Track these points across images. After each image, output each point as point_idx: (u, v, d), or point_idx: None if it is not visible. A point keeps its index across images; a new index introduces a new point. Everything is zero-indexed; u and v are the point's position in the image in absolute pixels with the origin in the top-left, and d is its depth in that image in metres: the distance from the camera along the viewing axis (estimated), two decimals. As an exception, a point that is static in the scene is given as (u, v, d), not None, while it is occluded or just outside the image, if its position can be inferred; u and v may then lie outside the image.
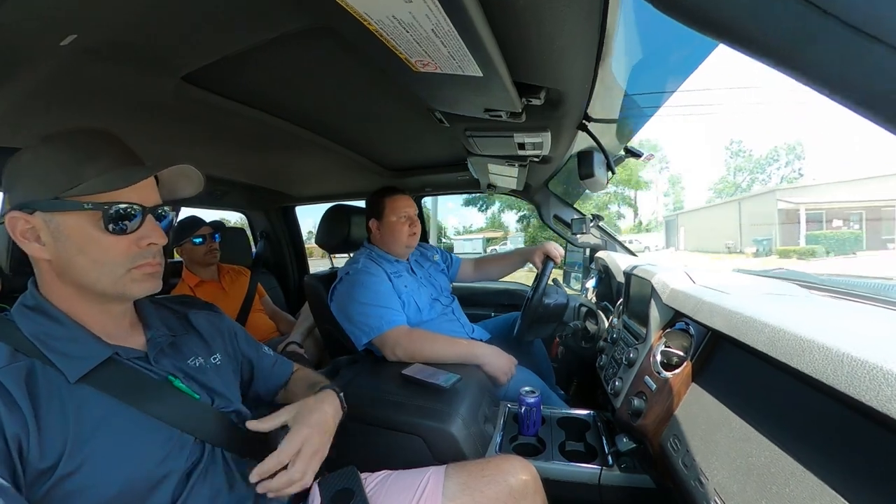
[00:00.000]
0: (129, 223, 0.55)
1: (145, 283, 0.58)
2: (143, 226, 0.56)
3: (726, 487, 0.53)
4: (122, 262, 0.55)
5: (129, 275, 0.56)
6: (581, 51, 0.65)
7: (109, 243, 0.54)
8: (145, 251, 0.57)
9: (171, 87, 0.84)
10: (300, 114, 1.13)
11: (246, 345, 0.82)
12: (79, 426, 0.50)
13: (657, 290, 0.93)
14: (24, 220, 0.53)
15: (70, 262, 0.54)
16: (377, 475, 0.78)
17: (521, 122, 0.89)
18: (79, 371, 0.53)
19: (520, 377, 1.30)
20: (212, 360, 0.71)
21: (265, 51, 0.74)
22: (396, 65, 0.63)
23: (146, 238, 0.57)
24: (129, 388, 0.56)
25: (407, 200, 1.47)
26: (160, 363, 0.62)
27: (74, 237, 0.53)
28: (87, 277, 0.55)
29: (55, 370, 0.52)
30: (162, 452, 0.56)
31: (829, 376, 0.42)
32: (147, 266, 0.58)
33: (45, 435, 0.47)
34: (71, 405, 0.51)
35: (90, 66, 0.72)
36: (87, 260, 0.54)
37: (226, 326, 0.79)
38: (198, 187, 0.66)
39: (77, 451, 0.49)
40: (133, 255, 0.56)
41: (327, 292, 1.39)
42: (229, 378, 0.73)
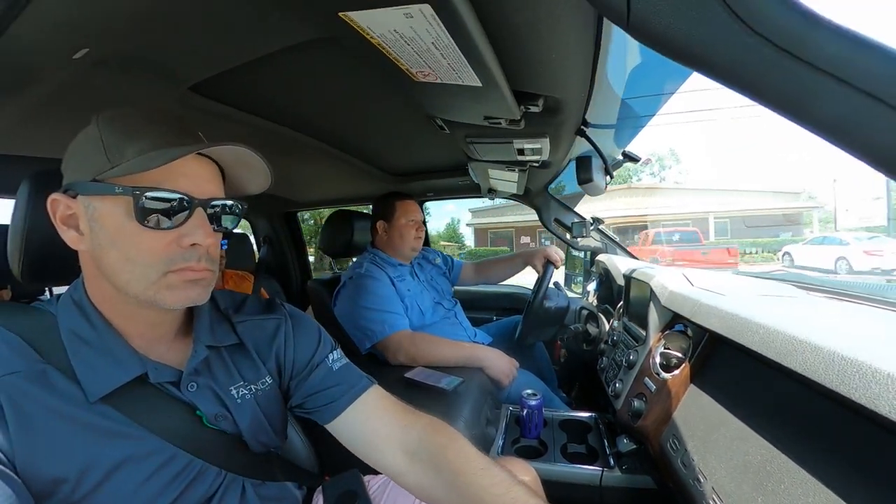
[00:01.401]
0: (169, 216, 0.46)
1: (184, 291, 0.48)
2: (188, 221, 0.47)
3: (724, 486, 0.54)
4: (156, 263, 0.46)
5: (164, 280, 0.47)
6: (578, 59, 0.67)
7: (144, 238, 0.46)
8: (187, 252, 0.47)
9: (178, 97, 0.86)
10: (303, 121, 1.15)
11: (303, 355, 0.65)
12: (88, 448, 0.45)
13: (656, 293, 0.94)
14: (66, 204, 0.47)
15: (103, 257, 0.47)
16: (380, 478, 0.78)
17: (520, 129, 0.91)
18: (101, 389, 0.46)
19: (522, 380, 1.31)
20: (260, 385, 0.60)
21: (270, 61, 0.75)
22: (397, 75, 0.65)
23: (189, 236, 0.47)
24: (153, 415, 0.49)
25: (416, 206, 1.53)
26: (196, 389, 0.54)
27: (109, 227, 0.46)
28: (119, 277, 0.47)
29: (74, 383, 0.46)
30: (182, 484, 0.50)
31: (820, 375, 0.43)
32: (188, 271, 0.48)
33: (42, 454, 0.42)
34: (81, 424, 0.45)
35: (100, 77, 0.73)
36: (118, 256, 0.46)
37: (279, 331, 0.64)
38: (265, 179, 0.56)
39: (87, 475, 0.44)
40: (171, 255, 0.47)
41: (331, 297, 1.41)
42: (275, 402, 0.62)
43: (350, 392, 0.64)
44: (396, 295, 1.37)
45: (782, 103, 0.23)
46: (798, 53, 0.21)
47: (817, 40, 0.21)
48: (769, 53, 0.22)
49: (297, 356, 0.65)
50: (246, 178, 0.56)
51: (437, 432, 0.60)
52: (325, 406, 0.63)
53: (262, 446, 0.60)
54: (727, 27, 0.22)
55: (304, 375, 0.64)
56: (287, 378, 0.64)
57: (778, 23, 0.21)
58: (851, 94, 0.21)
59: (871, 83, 0.20)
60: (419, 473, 0.58)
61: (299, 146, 1.31)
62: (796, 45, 0.21)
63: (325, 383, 0.64)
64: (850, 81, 0.20)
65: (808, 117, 0.23)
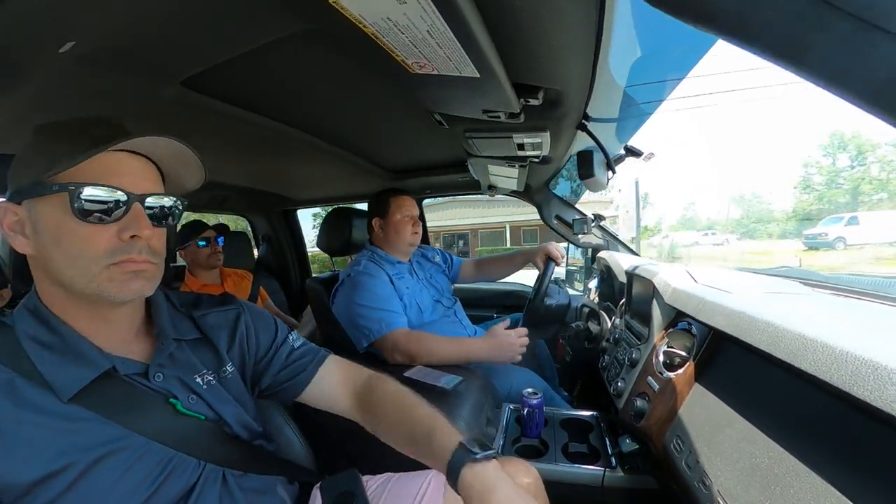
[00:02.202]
0: (107, 210, 0.47)
1: (127, 283, 0.50)
2: (126, 215, 0.49)
3: (730, 489, 0.52)
4: (97, 257, 0.48)
5: (106, 272, 0.48)
6: (578, 50, 0.65)
7: (84, 234, 0.47)
8: (128, 245, 0.49)
9: (171, 93, 0.84)
10: (300, 117, 1.13)
11: (265, 339, 0.70)
12: (63, 450, 0.45)
13: (659, 290, 0.92)
14: (13, 211, 0.49)
15: (49, 257, 0.48)
16: (378, 478, 0.78)
17: (520, 123, 0.89)
18: (71, 389, 0.47)
19: (522, 378, 1.30)
20: (223, 373, 0.63)
21: (263, 55, 0.74)
22: (393, 67, 0.63)
23: (128, 229, 0.49)
24: (126, 408, 0.50)
25: (411, 201, 1.51)
26: (163, 379, 0.55)
27: (50, 227, 0.47)
28: (64, 274, 0.48)
29: (43, 387, 0.46)
30: (160, 477, 0.51)
31: (832, 375, 0.41)
32: (129, 262, 0.49)
33: (17, 462, 0.43)
34: (54, 427, 0.46)
35: (89, 72, 0.72)
36: (61, 253, 0.48)
37: (242, 323, 0.69)
38: (199, 174, 0.58)
39: (63, 475, 0.44)
40: (112, 249, 0.48)
41: (329, 295, 1.39)
42: (241, 389, 0.66)
43: (315, 360, 0.72)
44: (395, 293, 1.36)
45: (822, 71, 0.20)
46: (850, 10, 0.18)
47: None
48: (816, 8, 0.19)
49: (260, 341, 0.70)
50: (183, 175, 0.58)
51: (380, 378, 0.72)
52: (296, 377, 0.70)
53: (247, 433, 0.63)
54: None
55: (270, 356, 0.70)
56: (252, 363, 0.69)
57: None
58: None
59: None
60: (365, 410, 0.70)
61: (296, 143, 1.30)
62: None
63: (291, 358, 0.71)
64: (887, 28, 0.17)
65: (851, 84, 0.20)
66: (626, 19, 0.67)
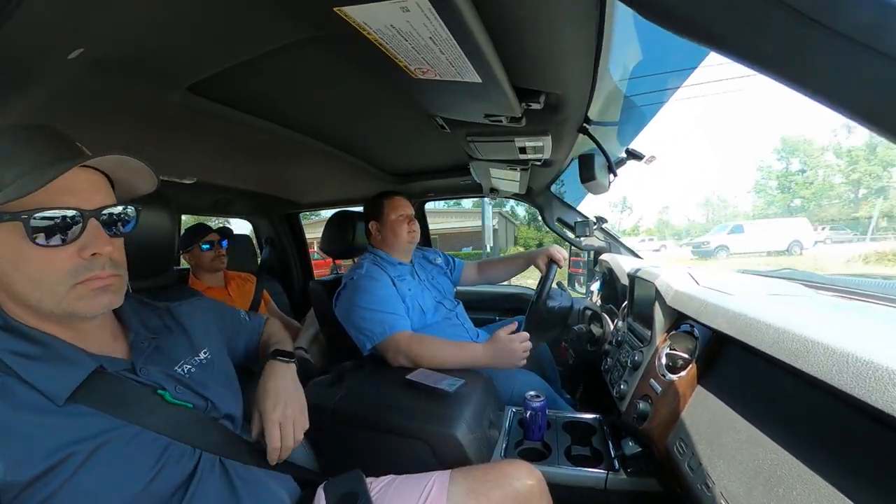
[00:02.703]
0: (64, 232, 0.47)
1: (95, 299, 0.51)
2: (83, 234, 0.49)
3: (732, 491, 0.52)
4: (61, 278, 0.48)
5: (73, 292, 0.49)
6: (579, 55, 0.66)
7: (44, 257, 0.47)
8: (90, 263, 0.49)
9: (177, 98, 0.85)
10: (303, 122, 1.14)
11: (231, 321, 0.85)
12: (61, 445, 0.46)
13: (661, 293, 0.92)
14: None
15: (10, 282, 0.48)
16: (382, 479, 0.78)
17: (522, 127, 0.90)
18: (65, 390, 0.48)
19: (525, 381, 1.30)
20: (199, 359, 0.68)
21: (268, 61, 0.75)
22: (396, 72, 0.64)
23: (88, 248, 0.49)
24: (119, 401, 0.53)
25: (404, 201, 1.51)
26: (148, 372, 0.58)
27: (7, 253, 0.47)
28: (30, 298, 0.49)
29: (35, 390, 0.47)
30: (158, 464, 0.53)
31: (833, 377, 0.41)
32: (94, 280, 0.50)
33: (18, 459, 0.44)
34: (50, 425, 0.47)
35: (97, 78, 0.73)
36: (23, 278, 0.48)
37: (210, 310, 0.79)
38: (151, 181, 0.59)
39: (61, 469, 0.45)
40: (75, 268, 0.48)
41: (332, 298, 1.40)
42: (222, 371, 0.72)
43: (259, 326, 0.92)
44: (397, 295, 1.36)
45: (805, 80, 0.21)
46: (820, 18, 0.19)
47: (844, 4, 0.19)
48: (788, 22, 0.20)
49: (227, 323, 0.83)
50: (133, 182, 0.58)
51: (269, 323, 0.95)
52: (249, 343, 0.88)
53: (238, 415, 0.70)
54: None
55: (237, 333, 0.84)
56: (227, 339, 0.80)
57: None
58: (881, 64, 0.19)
59: None
60: None
61: (300, 147, 1.31)
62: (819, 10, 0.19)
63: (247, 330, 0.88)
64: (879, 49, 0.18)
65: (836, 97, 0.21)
66: (626, 24, 0.68)
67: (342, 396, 1.07)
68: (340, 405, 1.05)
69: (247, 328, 0.88)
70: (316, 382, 1.16)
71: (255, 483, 0.64)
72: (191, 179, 1.58)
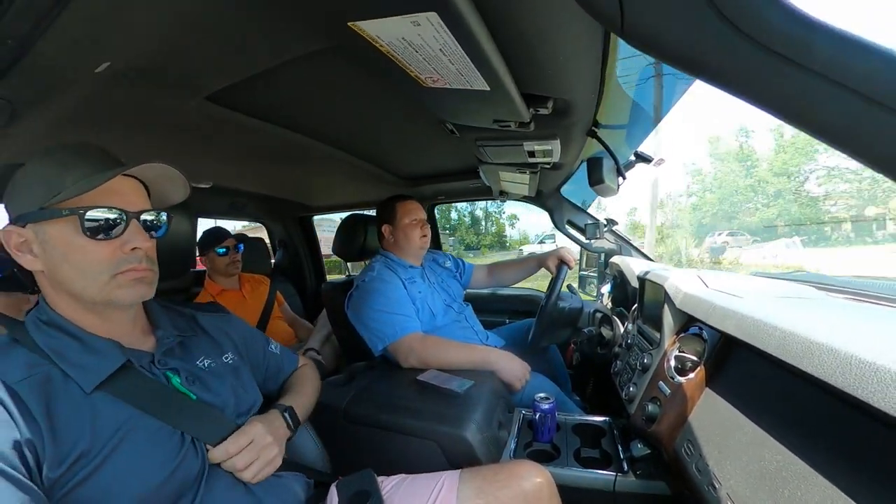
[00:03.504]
0: (110, 228, 0.55)
1: (132, 288, 0.58)
2: (126, 231, 0.57)
3: (739, 492, 0.52)
4: (105, 268, 0.55)
5: (114, 281, 0.56)
6: (586, 60, 0.67)
7: (91, 249, 0.55)
8: (130, 256, 0.57)
9: (195, 107, 0.89)
10: (317, 128, 1.17)
11: (254, 345, 0.84)
12: (94, 433, 0.51)
13: (670, 295, 0.92)
14: (17, 233, 0.54)
15: (58, 272, 0.55)
16: (393, 478, 0.79)
17: (531, 131, 0.91)
18: (93, 381, 0.54)
19: (535, 383, 1.30)
20: (224, 360, 0.73)
21: (284, 70, 0.77)
22: (407, 81, 0.66)
23: (129, 243, 0.57)
24: (143, 394, 0.57)
25: (417, 205, 1.53)
26: (166, 363, 0.63)
27: (59, 245, 0.54)
28: (75, 286, 0.55)
29: (72, 380, 0.53)
30: (178, 457, 0.57)
31: (837, 379, 0.42)
32: (132, 272, 0.57)
33: (61, 444, 0.48)
34: (87, 413, 0.52)
35: (120, 89, 0.76)
36: (71, 268, 0.55)
37: (234, 329, 0.81)
38: (185, 190, 0.66)
39: (93, 457, 0.50)
40: (117, 260, 0.56)
41: (344, 300, 1.42)
42: (244, 376, 0.75)
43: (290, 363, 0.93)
44: (408, 297, 1.38)
45: (780, 107, 0.23)
46: (791, 56, 0.21)
47: (809, 43, 0.20)
48: (761, 57, 0.22)
49: (250, 347, 0.83)
50: (169, 190, 0.65)
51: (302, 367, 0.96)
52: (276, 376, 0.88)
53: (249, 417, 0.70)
54: (718, 31, 0.22)
55: (259, 360, 0.85)
56: (250, 361, 0.81)
57: (769, 26, 0.21)
58: (848, 98, 0.20)
59: (868, 86, 0.20)
60: None
61: (312, 152, 1.34)
62: (788, 47, 0.21)
63: (273, 362, 0.88)
64: (846, 84, 0.20)
65: (806, 121, 0.22)
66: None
67: (354, 396, 1.09)
68: (352, 405, 1.07)
69: (273, 360, 0.87)
70: (328, 382, 1.19)
71: (270, 483, 0.66)
72: (207, 183, 1.63)
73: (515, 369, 1.24)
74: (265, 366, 0.85)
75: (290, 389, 0.86)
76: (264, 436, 0.65)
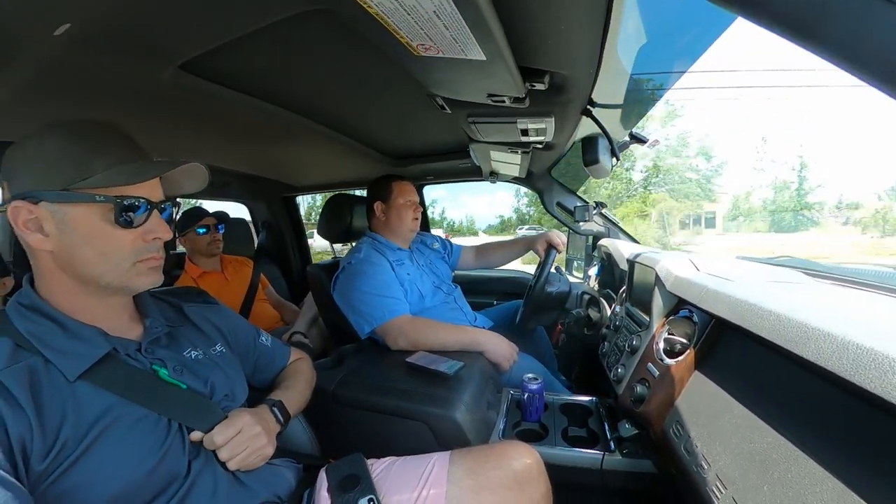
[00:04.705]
0: (136, 217, 0.56)
1: (149, 276, 0.59)
2: (149, 220, 0.57)
3: (728, 473, 0.53)
4: (128, 255, 0.56)
5: (134, 268, 0.57)
6: (586, 33, 0.64)
7: (118, 236, 0.55)
8: (150, 245, 0.58)
9: (168, 77, 0.83)
10: (299, 101, 1.11)
11: (244, 336, 0.83)
12: (78, 422, 0.50)
13: (661, 278, 0.92)
14: (28, 209, 0.52)
15: (75, 254, 0.54)
16: (383, 461, 0.79)
17: (525, 108, 0.88)
18: (77, 369, 0.53)
19: (523, 364, 1.31)
20: (213, 352, 0.72)
21: (262, 37, 0.72)
22: (397, 49, 0.61)
23: (152, 233, 0.58)
24: (127, 383, 0.56)
25: (412, 187, 1.51)
26: (153, 353, 0.62)
27: (82, 229, 0.53)
28: (94, 270, 0.55)
29: (54, 367, 0.52)
30: (164, 446, 0.56)
31: (833, 364, 0.42)
32: (151, 260, 0.59)
33: (48, 433, 0.47)
34: (70, 402, 0.51)
35: (85, 55, 0.70)
36: (93, 252, 0.54)
37: (223, 319, 0.80)
38: (202, 184, 0.66)
39: (76, 447, 0.49)
40: (139, 248, 0.57)
41: (330, 281, 1.39)
42: (234, 368, 0.74)
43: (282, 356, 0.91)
44: (396, 280, 1.36)
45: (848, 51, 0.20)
46: None
47: None
48: None
49: (239, 338, 0.81)
50: (185, 183, 0.66)
51: (297, 361, 0.94)
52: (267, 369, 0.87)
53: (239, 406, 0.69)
54: None
55: (247, 352, 0.83)
56: (238, 353, 0.80)
57: None
58: None
59: None
60: None
61: (296, 128, 1.28)
62: None
63: (264, 355, 0.86)
64: None
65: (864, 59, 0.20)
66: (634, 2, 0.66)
67: (342, 379, 1.08)
68: (341, 388, 1.06)
69: (264, 353, 0.86)
70: (316, 365, 1.17)
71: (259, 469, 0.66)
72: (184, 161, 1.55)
73: (503, 350, 1.25)
74: (255, 357, 0.84)
75: (281, 384, 0.85)
76: (252, 425, 0.64)
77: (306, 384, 0.88)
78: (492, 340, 1.26)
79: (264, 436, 0.65)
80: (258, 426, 0.65)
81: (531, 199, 21.88)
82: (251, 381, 0.82)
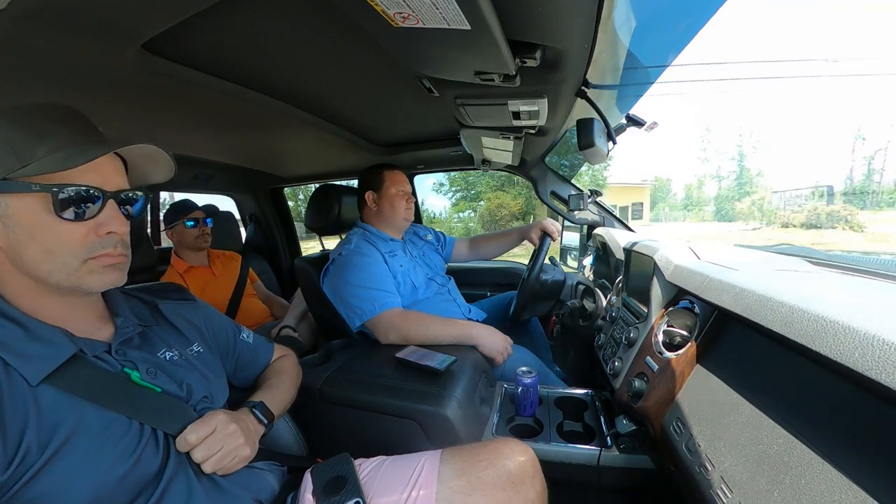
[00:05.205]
0: (85, 208, 0.50)
1: (105, 275, 0.53)
2: (102, 212, 0.52)
3: (734, 475, 0.50)
4: (77, 252, 0.51)
5: (85, 266, 0.52)
6: (581, 4, 0.58)
7: (63, 230, 0.49)
8: (104, 240, 0.52)
9: (131, 57, 0.76)
10: (280, 87, 1.05)
11: (223, 334, 0.79)
12: (40, 429, 0.46)
13: (660, 267, 0.88)
14: None
15: (22, 251, 0.49)
16: (372, 461, 0.76)
17: (516, 87, 0.82)
18: (39, 373, 0.48)
19: (517, 356, 1.28)
20: (189, 352, 0.68)
21: (233, 11, 0.66)
22: (374, 20, 0.56)
23: (105, 226, 0.52)
24: (94, 386, 0.52)
25: (405, 177, 1.47)
26: (125, 355, 0.58)
27: (25, 222, 0.49)
28: (40, 269, 0.50)
29: (15, 371, 0.47)
30: (136, 452, 0.52)
31: (856, 361, 0.38)
32: (106, 257, 0.53)
33: (9, 441, 0.44)
34: (33, 408, 0.47)
35: (36, 34, 0.64)
36: (38, 249, 0.49)
37: (201, 317, 0.76)
38: (168, 171, 0.61)
39: (39, 454, 0.45)
40: (90, 244, 0.51)
41: (319, 275, 1.35)
42: (212, 369, 0.70)
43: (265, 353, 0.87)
44: (388, 272, 1.31)
45: None
46: None
47: None
48: None
49: (218, 336, 0.77)
50: (150, 170, 0.61)
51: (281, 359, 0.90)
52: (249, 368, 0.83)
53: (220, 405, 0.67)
54: None
55: (227, 351, 0.79)
56: (218, 350, 0.76)
57: None
58: None
59: None
60: None
61: (278, 115, 1.22)
62: None
63: (245, 353, 0.82)
64: None
65: None
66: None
67: (330, 376, 1.04)
68: (328, 385, 1.02)
69: (246, 350, 0.82)
70: (303, 361, 1.13)
71: (237, 473, 0.62)
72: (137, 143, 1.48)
73: (497, 343, 1.22)
74: (235, 355, 0.80)
75: (263, 383, 0.81)
76: (227, 423, 0.60)
77: (291, 382, 0.85)
78: (485, 334, 1.22)
79: (241, 435, 0.61)
80: (233, 424, 0.61)
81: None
82: (233, 381, 0.79)
